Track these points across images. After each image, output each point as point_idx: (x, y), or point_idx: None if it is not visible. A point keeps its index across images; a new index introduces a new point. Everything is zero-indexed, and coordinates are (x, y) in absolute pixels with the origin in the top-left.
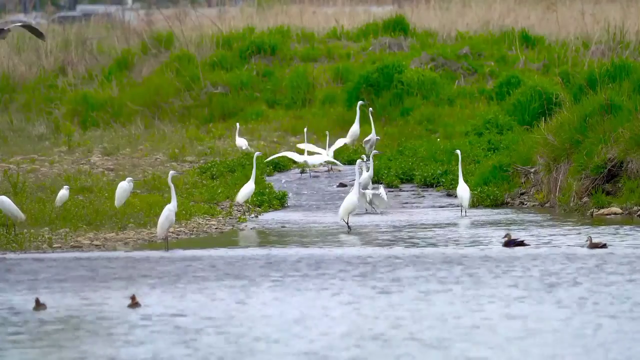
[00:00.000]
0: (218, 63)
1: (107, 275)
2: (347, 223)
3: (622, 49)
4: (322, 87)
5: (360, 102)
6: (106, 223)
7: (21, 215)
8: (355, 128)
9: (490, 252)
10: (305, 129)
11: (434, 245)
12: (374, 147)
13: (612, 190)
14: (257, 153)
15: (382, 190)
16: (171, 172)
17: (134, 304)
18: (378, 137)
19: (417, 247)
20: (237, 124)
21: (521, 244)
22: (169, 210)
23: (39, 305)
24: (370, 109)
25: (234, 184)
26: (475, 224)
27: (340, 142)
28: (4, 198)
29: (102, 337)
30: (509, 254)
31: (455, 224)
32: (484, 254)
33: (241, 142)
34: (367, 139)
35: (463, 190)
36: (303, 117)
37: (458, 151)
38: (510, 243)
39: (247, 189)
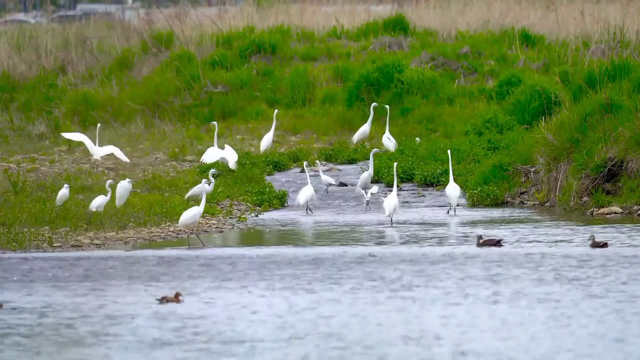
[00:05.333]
0: (218, 62)
1: (105, 274)
2: (391, 220)
3: (622, 49)
4: (322, 86)
5: (374, 104)
6: (106, 222)
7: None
8: (365, 128)
9: (489, 252)
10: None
11: (430, 244)
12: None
13: (612, 189)
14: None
15: (376, 188)
16: (204, 182)
17: (171, 300)
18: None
19: (418, 246)
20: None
21: (497, 244)
22: (199, 211)
23: None
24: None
25: (234, 183)
26: (469, 223)
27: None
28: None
29: (75, 337)
30: (508, 253)
31: (456, 224)
32: (487, 252)
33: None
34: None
35: (452, 189)
36: (303, 117)
37: (449, 151)
38: (486, 244)
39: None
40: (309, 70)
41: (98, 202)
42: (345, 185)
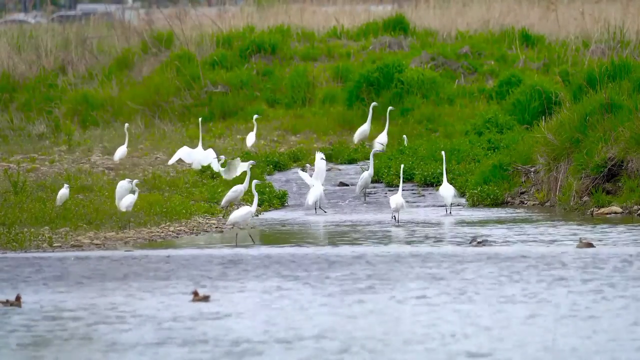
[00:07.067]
0: (218, 62)
1: (104, 274)
2: (398, 219)
3: (622, 48)
4: (322, 86)
5: (374, 104)
6: (106, 222)
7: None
8: (365, 128)
9: (488, 252)
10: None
11: (431, 244)
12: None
13: (613, 189)
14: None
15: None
16: (255, 181)
17: (200, 298)
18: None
19: (419, 245)
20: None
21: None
22: (250, 212)
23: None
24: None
25: (234, 183)
26: (470, 223)
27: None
28: None
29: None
30: (507, 253)
31: (457, 224)
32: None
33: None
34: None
35: (445, 190)
36: (303, 116)
37: (443, 152)
38: (476, 243)
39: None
40: (309, 70)
41: (128, 201)
42: (346, 185)
